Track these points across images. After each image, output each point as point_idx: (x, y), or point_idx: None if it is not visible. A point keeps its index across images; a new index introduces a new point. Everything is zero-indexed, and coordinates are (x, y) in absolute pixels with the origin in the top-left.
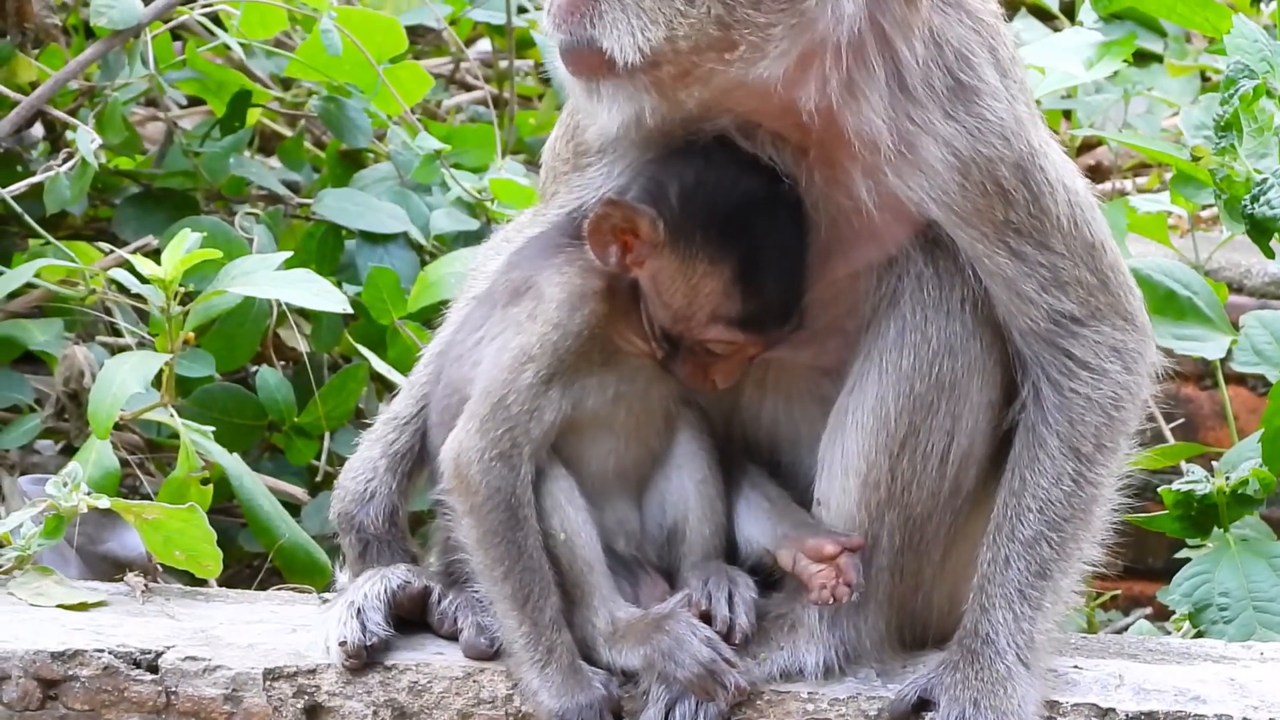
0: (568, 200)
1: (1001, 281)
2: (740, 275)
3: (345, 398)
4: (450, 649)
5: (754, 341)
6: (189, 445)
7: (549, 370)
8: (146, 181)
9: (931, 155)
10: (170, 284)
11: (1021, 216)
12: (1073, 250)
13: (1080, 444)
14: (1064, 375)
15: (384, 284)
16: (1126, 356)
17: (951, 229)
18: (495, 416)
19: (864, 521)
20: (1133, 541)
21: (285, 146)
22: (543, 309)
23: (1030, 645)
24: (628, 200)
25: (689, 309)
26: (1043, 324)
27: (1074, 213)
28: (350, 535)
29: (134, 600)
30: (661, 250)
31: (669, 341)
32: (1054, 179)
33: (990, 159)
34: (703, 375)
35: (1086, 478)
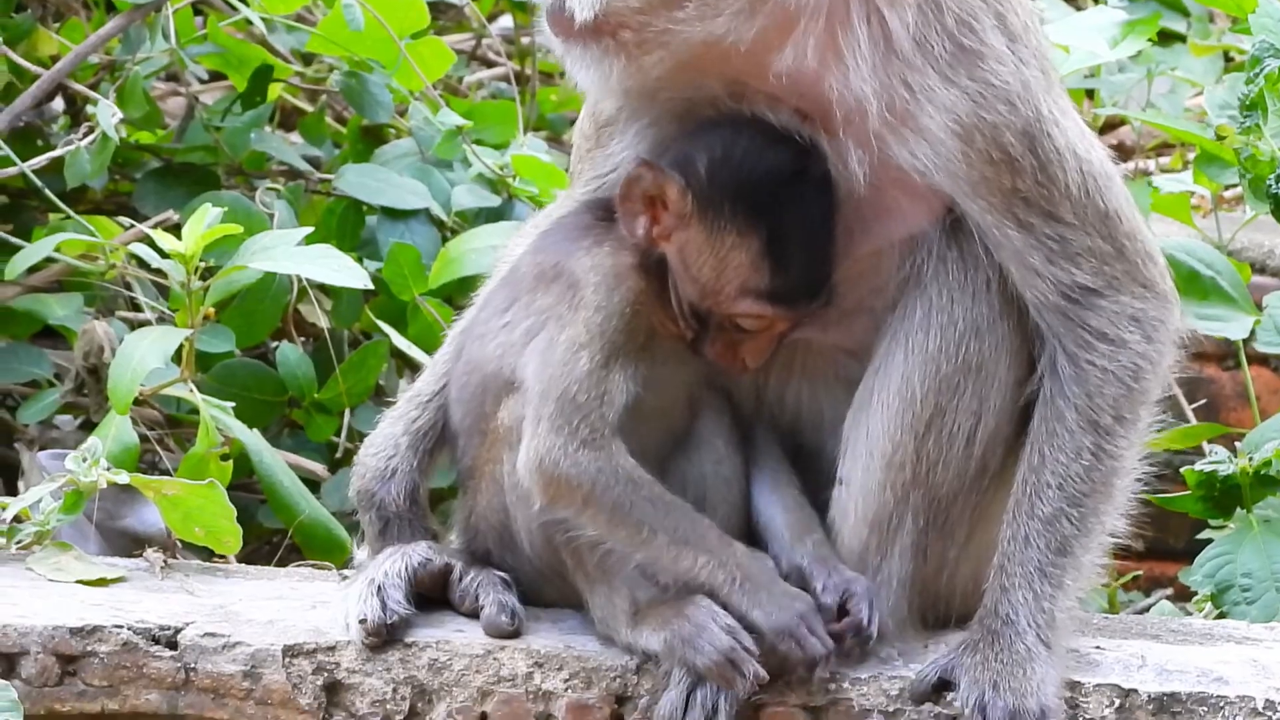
0: (592, 179)
1: (1010, 253)
2: (768, 248)
3: (365, 374)
4: (471, 626)
5: (783, 316)
6: (209, 421)
7: (604, 354)
8: (167, 156)
9: (931, 122)
10: (190, 259)
11: (1028, 184)
12: (1084, 219)
13: (1099, 417)
14: (1080, 347)
15: (405, 260)
16: (1147, 325)
17: (960, 199)
18: (564, 411)
19: (888, 502)
20: (1155, 522)
21: (306, 122)
22: (582, 296)
23: (1051, 624)
24: (660, 164)
25: (717, 283)
26: (1052, 297)
27: (1085, 181)
28: (370, 512)
29: (153, 576)
30: (689, 222)
31: (698, 319)
32: (1063, 146)
33: (994, 125)
34: (732, 354)
35: (1106, 451)
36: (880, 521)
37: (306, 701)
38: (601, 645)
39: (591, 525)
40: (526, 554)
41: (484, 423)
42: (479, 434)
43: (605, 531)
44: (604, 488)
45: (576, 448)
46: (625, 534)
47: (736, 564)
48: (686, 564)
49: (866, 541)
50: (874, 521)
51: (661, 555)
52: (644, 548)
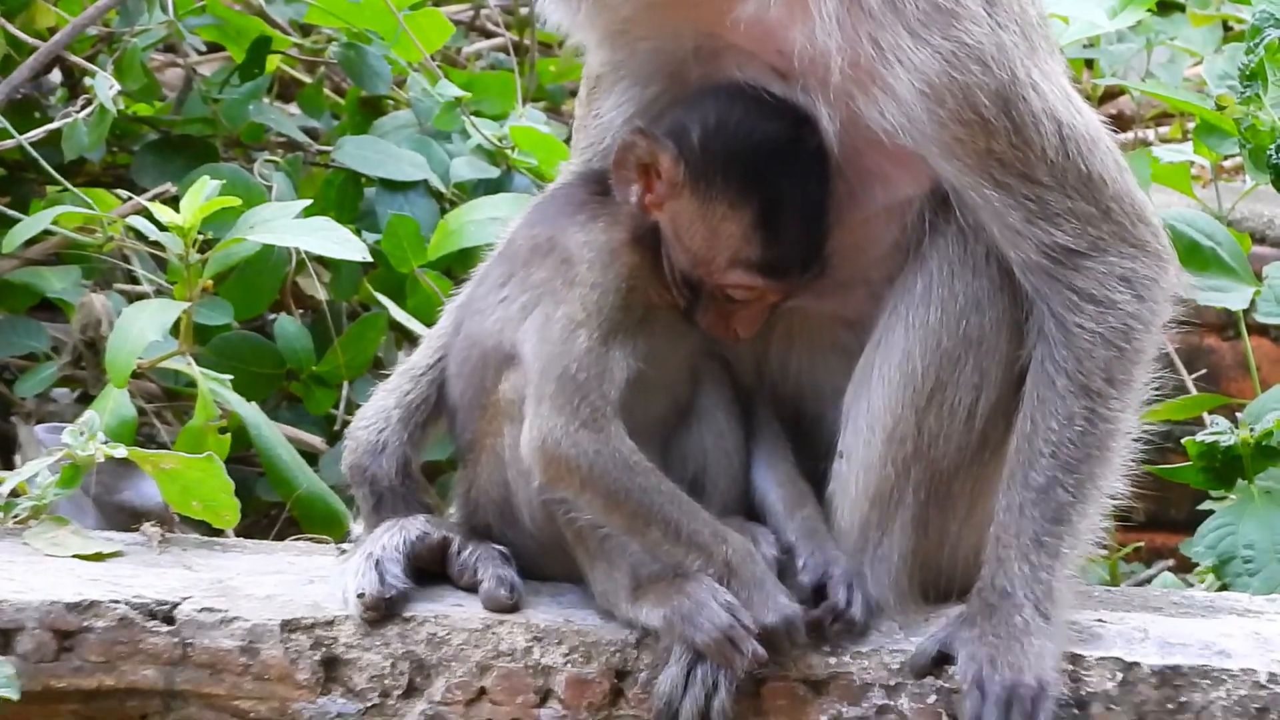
0: (585, 148)
1: (989, 213)
2: (761, 219)
3: (364, 347)
4: (469, 601)
5: (774, 288)
6: (207, 394)
7: (602, 331)
8: (165, 128)
9: (899, 82)
10: (189, 231)
11: (1003, 147)
12: (1063, 183)
13: (1090, 380)
14: (1067, 309)
15: (404, 232)
16: (1138, 284)
17: (934, 160)
18: (564, 390)
19: (889, 476)
20: (1156, 493)
21: (305, 93)
22: (576, 273)
23: (1049, 596)
24: (654, 131)
25: (709, 253)
26: (1034, 256)
27: (1064, 145)
28: (364, 487)
29: (150, 551)
30: (682, 191)
31: (690, 288)
32: (1039, 109)
33: (966, 86)
34: (724, 324)
35: (1099, 415)
36: (881, 495)
37: (304, 677)
38: (601, 620)
39: (589, 508)
40: (527, 528)
41: (484, 396)
42: (479, 408)
43: (601, 516)
44: (601, 471)
45: (578, 428)
46: (620, 520)
47: (726, 561)
48: (678, 557)
49: (867, 516)
50: (875, 495)
51: (656, 546)
52: (638, 536)
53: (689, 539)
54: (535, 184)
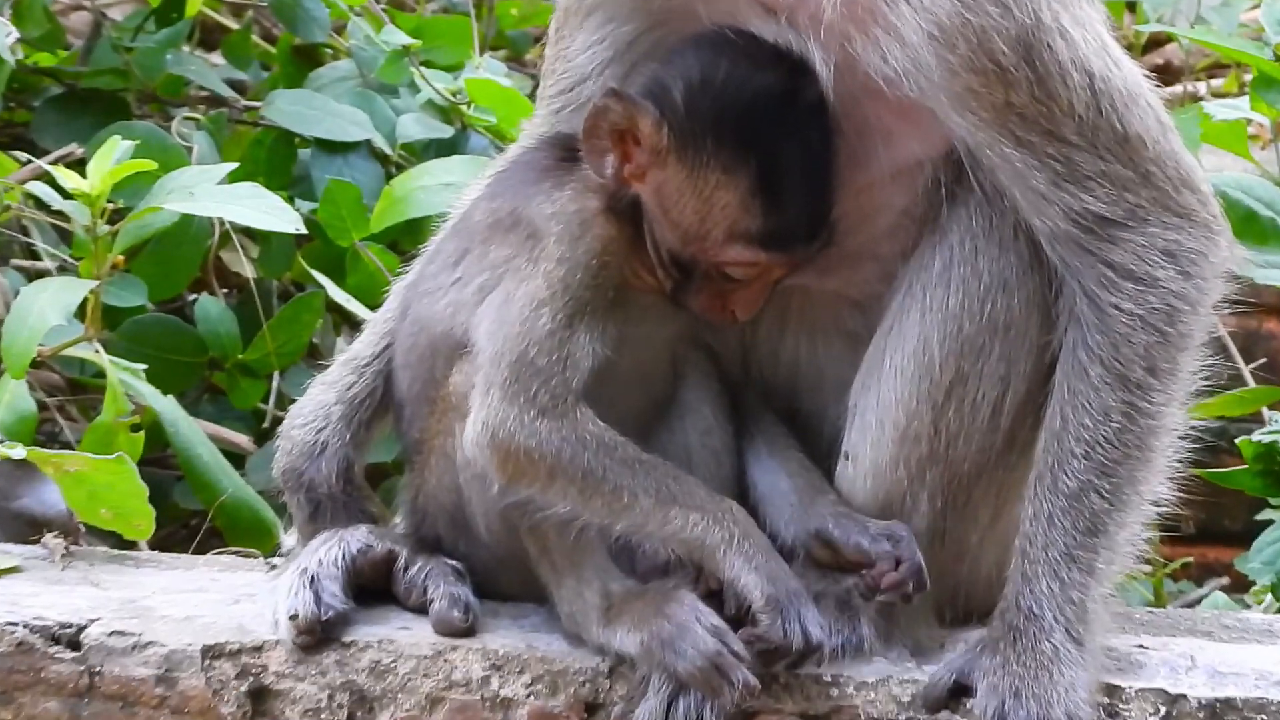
0: (555, 96)
1: (1010, 175)
2: (759, 184)
3: (298, 331)
4: (418, 623)
5: (778, 261)
6: (117, 386)
7: (567, 312)
8: (70, 81)
9: (906, 23)
10: (97, 200)
11: (1024, 99)
12: (1095, 142)
13: (1129, 370)
14: (1103, 287)
15: (343, 200)
16: (1183, 258)
17: (944, 113)
18: (520, 377)
19: (901, 480)
20: (1207, 501)
21: (230, 41)
22: (543, 247)
23: (1082, 618)
24: (631, 94)
25: (702, 227)
26: (1063, 224)
27: (1096, 100)
28: (299, 494)
29: (53, 566)
30: (666, 159)
31: (679, 268)
32: (1067, 60)
33: (982, 29)
34: (720, 306)
35: (1140, 409)
36: (891, 503)
37: (229, 710)
38: (569, 645)
39: (562, 500)
40: (483, 539)
41: (433, 390)
42: (427, 402)
43: (579, 504)
44: (571, 456)
45: (534, 417)
46: (602, 503)
47: (734, 520)
48: (677, 524)
49: None
50: (884, 502)
51: (647, 519)
52: (625, 514)
53: (686, 501)
54: (494, 145)
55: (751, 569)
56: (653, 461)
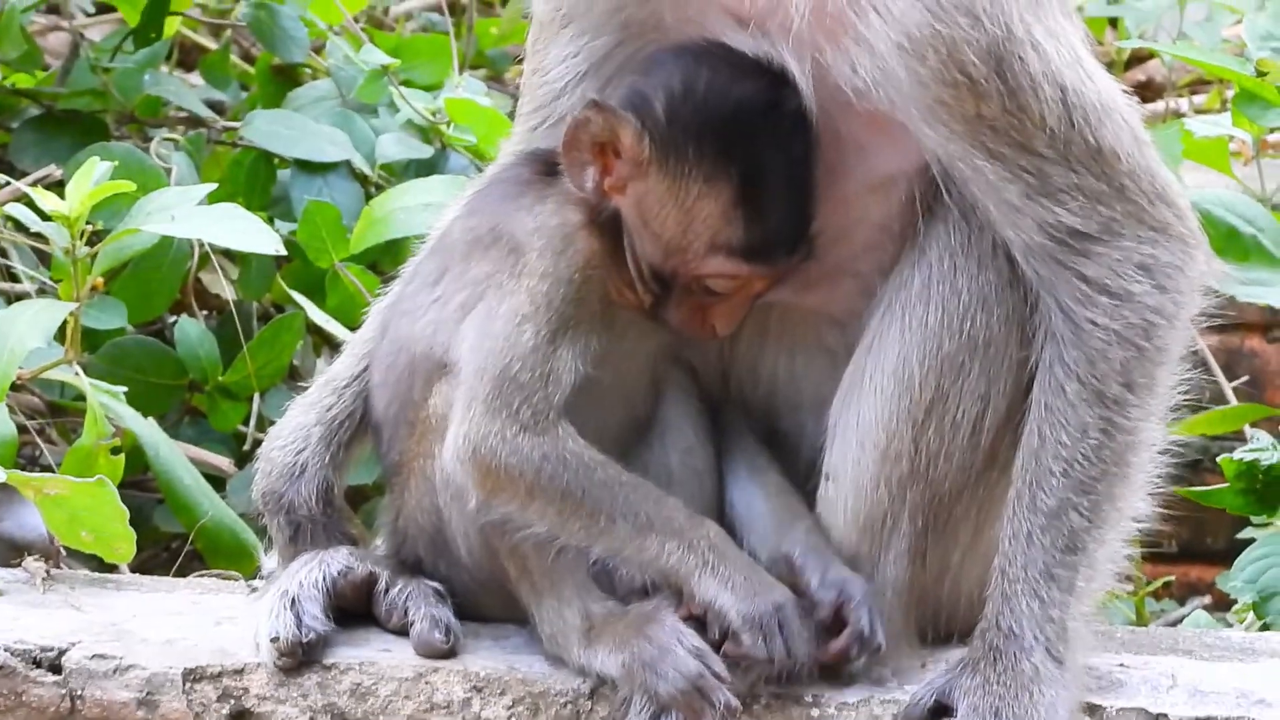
0: (530, 112)
1: (983, 186)
2: (741, 195)
3: (278, 353)
4: (399, 645)
5: (760, 273)
6: (97, 408)
7: (551, 327)
8: (48, 102)
9: (875, 33)
10: (75, 221)
11: (995, 111)
12: (1067, 155)
13: (1106, 385)
14: (1078, 302)
15: (323, 221)
16: (1159, 273)
17: (915, 127)
18: (502, 392)
19: (882, 499)
20: (1188, 520)
21: (209, 61)
22: (525, 262)
23: (1062, 637)
24: (611, 105)
25: (683, 239)
26: (1037, 237)
27: (1068, 113)
28: (279, 516)
29: (33, 589)
30: (647, 170)
31: (659, 282)
32: (1039, 72)
33: (952, 40)
34: (700, 320)
35: (1117, 425)
36: (872, 522)
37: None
38: (550, 666)
39: (540, 519)
40: (463, 561)
41: (413, 411)
42: (407, 424)
43: (556, 525)
44: (550, 475)
45: (516, 433)
46: (580, 525)
47: (709, 544)
48: (653, 550)
49: (856, 545)
50: (865, 522)
51: (624, 544)
52: (603, 538)
53: (663, 527)
54: (474, 164)
55: (727, 590)
56: (633, 483)
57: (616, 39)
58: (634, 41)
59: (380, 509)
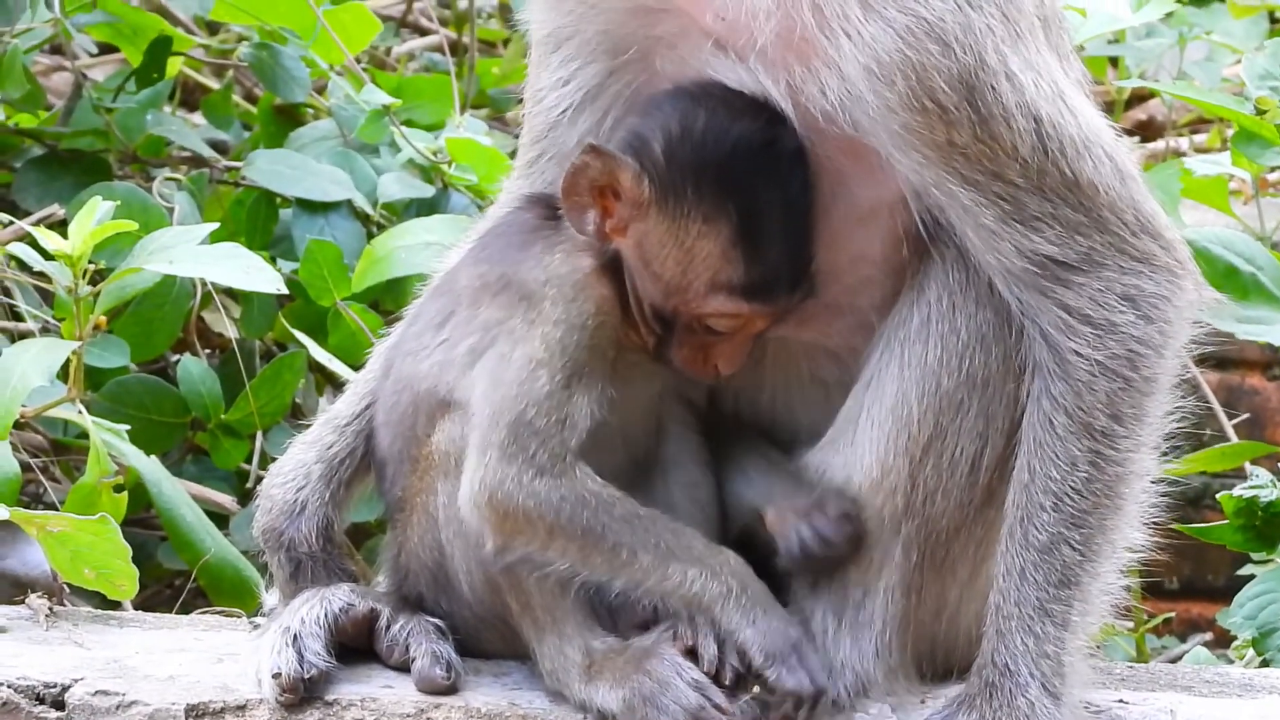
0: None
1: (960, 211)
2: (741, 234)
3: (280, 391)
4: (401, 681)
5: (760, 312)
6: (100, 446)
7: (565, 373)
8: (51, 142)
9: (843, 57)
10: (78, 260)
11: (966, 139)
12: (1041, 185)
13: (1093, 417)
14: (1061, 332)
15: (324, 260)
16: (1143, 303)
17: (888, 153)
18: (518, 437)
19: (874, 531)
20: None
21: (211, 101)
22: (540, 309)
23: (1058, 671)
24: (609, 149)
25: (684, 279)
26: (1016, 261)
27: (1042, 144)
28: (280, 553)
29: (36, 626)
30: (647, 211)
31: (661, 322)
32: (1012, 103)
33: (922, 67)
34: (703, 360)
35: (1106, 457)
36: (864, 554)
37: None
38: (551, 702)
39: (561, 558)
40: (465, 597)
41: (415, 448)
42: (409, 461)
43: (578, 562)
44: (570, 515)
45: (533, 477)
46: (602, 559)
47: (732, 573)
48: (676, 579)
49: (848, 575)
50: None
51: (647, 575)
52: (625, 570)
53: (685, 556)
54: (475, 204)
55: (749, 623)
56: (651, 516)
57: (609, 67)
58: (625, 71)
59: (382, 546)
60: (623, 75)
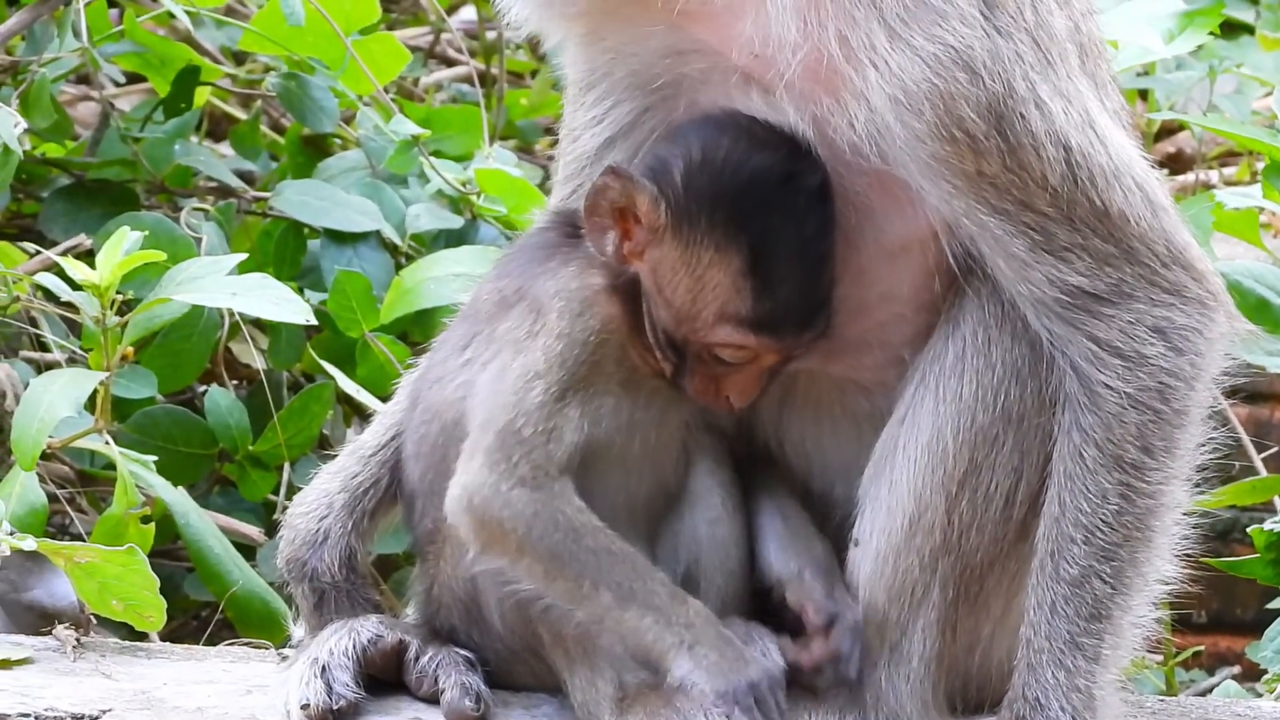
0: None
1: (991, 242)
2: (751, 265)
3: (308, 422)
4: (430, 713)
5: (769, 347)
6: (127, 477)
7: (560, 386)
8: (78, 172)
9: (871, 87)
10: (106, 291)
11: (996, 169)
12: (1071, 216)
13: (1123, 450)
14: (1091, 364)
15: (353, 291)
16: (1174, 335)
17: (917, 184)
18: (504, 445)
19: (912, 569)
20: (1219, 590)
21: (239, 131)
22: (545, 322)
23: (1089, 705)
24: (629, 171)
25: (694, 307)
26: (1047, 290)
27: (1072, 173)
28: (303, 584)
29: (64, 657)
30: (663, 237)
31: (675, 350)
32: (1041, 131)
33: (950, 95)
34: (714, 390)
35: (1136, 489)
36: (902, 591)
37: None
38: None
39: (528, 576)
40: (496, 629)
41: (447, 481)
42: (441, 493)
43: (542, 584)
44: (540, 534)
45: (512, 486)
46: (564, 588)
47: (685, 624)
48: (631, 623)
49: (885, 613)
50: (895, 591)
51: (605, 614)
52: (584, 604)
53: (644, 601)
54: (504, 234)
55: (701, 669)
56: (622, 554)
57: (642, 105)
58: (657, 109)
59: (411, 578)
60: (655, 113)
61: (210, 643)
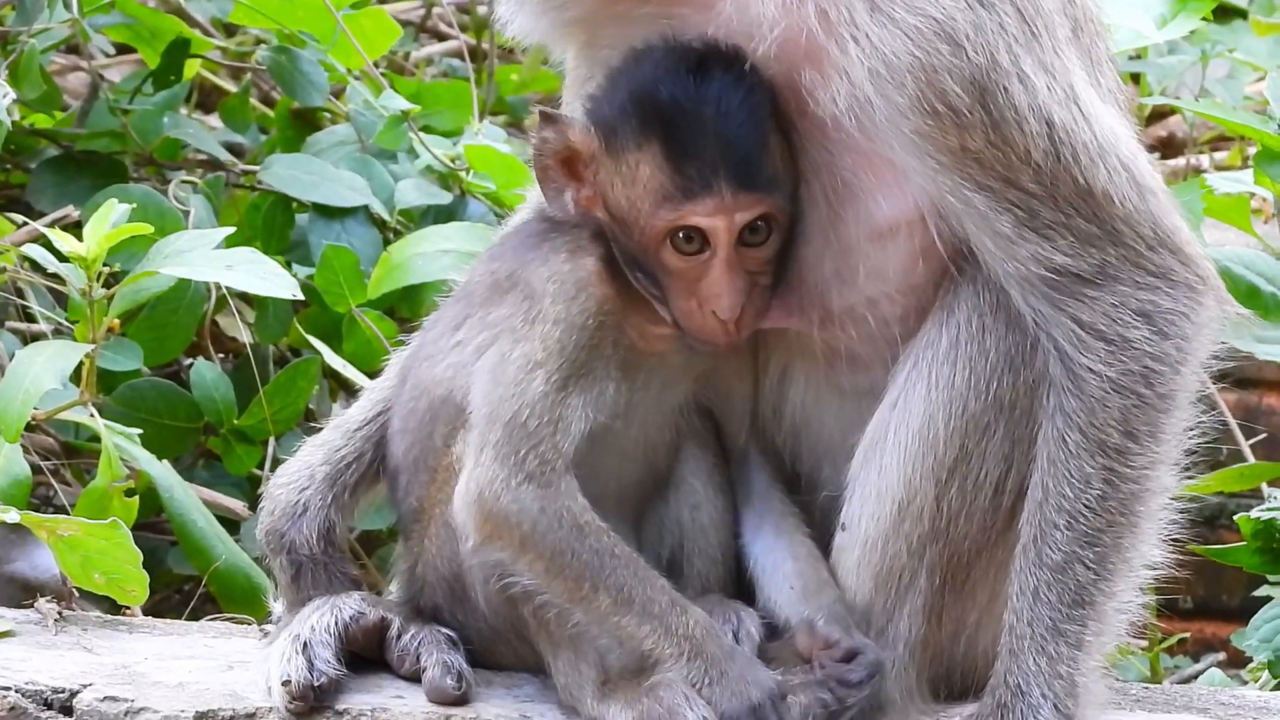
0: None
1: (976, 219)
2: (668, 147)
3: (294, 397)
4: (412, 691)
5: (706, 212)
6: (111, 450)
7: (562, 374)
8: (67, 143)
9: (851, 60)
10: (93, 263)
11: (979, 144)
12: (1054, 194)
13: (1106, 435)
14: (1075, 347)
15: (340, 266)
16: (1159, 319)
17: (901, 160)
18: (512, 439)
19: (899, 555)
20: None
21: (228, 104)
22: (540, 309)
23: (1071, 692)
24: (558, 113)
25: (638, 208)
26: (1033, 269)
27: (1055, 150)
28: (281, 556)
29: (45, 630)
30: (601, 160)
31: (650, 278)
32: (1025, 105)
33: (932, 68)
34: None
35: (1120, 474)
36: (888, 577)
37: None
38: (563, 716)
39: (529, 572)
40: (481, 609)
41: (433, 457)
42: (427, 470)
43: (543, 581)
44: (545, 530)
45: (520, 481)
46: (563, 588)
47: (687, 635)
48: (629, 629)
49: (870, 598)
50: (881, 577)
51: (603, 617)
52: (583, 606)
53: (644, 608)
54: (492, 211)
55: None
56: (624, 557)
57: None
58: None
59: (395, 556)
60: None
61: (193, 617)
